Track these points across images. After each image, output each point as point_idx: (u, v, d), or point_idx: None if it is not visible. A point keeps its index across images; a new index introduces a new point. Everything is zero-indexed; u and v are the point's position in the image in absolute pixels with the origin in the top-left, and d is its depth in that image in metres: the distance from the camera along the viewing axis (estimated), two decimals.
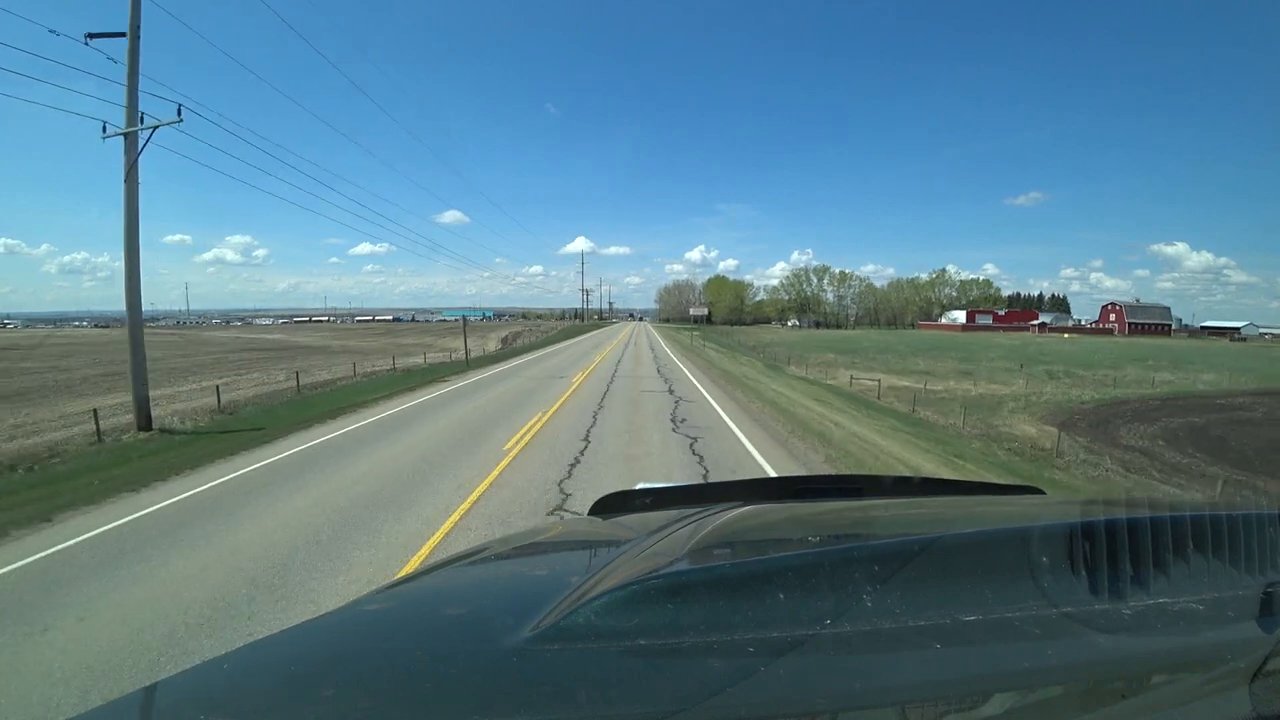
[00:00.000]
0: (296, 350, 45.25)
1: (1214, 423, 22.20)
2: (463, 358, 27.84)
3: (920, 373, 35.99)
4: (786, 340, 69.74)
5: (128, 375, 11.26)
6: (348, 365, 24.86)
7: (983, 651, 0.60)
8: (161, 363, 29.92)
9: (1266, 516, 0.78)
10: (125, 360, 11.34)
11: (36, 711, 3.06)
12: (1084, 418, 22.24)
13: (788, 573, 0.69)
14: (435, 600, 0.84)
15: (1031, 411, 22.84)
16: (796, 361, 36.44)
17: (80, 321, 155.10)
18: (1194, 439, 19.48)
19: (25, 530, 5.81)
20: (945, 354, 51.89)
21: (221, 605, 4.11)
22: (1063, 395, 27.41)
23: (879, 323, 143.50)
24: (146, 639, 3.69)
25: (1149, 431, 20.37)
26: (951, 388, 29.49)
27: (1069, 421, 20.86)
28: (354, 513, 6.06)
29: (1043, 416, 21.79)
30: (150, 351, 12.25)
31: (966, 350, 57.01)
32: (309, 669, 0.61)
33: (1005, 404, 24.42)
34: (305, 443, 9.80)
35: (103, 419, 10.99)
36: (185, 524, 5.84)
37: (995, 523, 1.01)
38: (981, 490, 1.62)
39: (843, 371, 33.13)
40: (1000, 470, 10.07)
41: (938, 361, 44.74)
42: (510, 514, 6.04)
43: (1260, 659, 0.61)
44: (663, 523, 1.00)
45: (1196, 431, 20.62)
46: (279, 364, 30.87)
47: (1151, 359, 49.42)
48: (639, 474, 7.60)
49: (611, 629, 0.60)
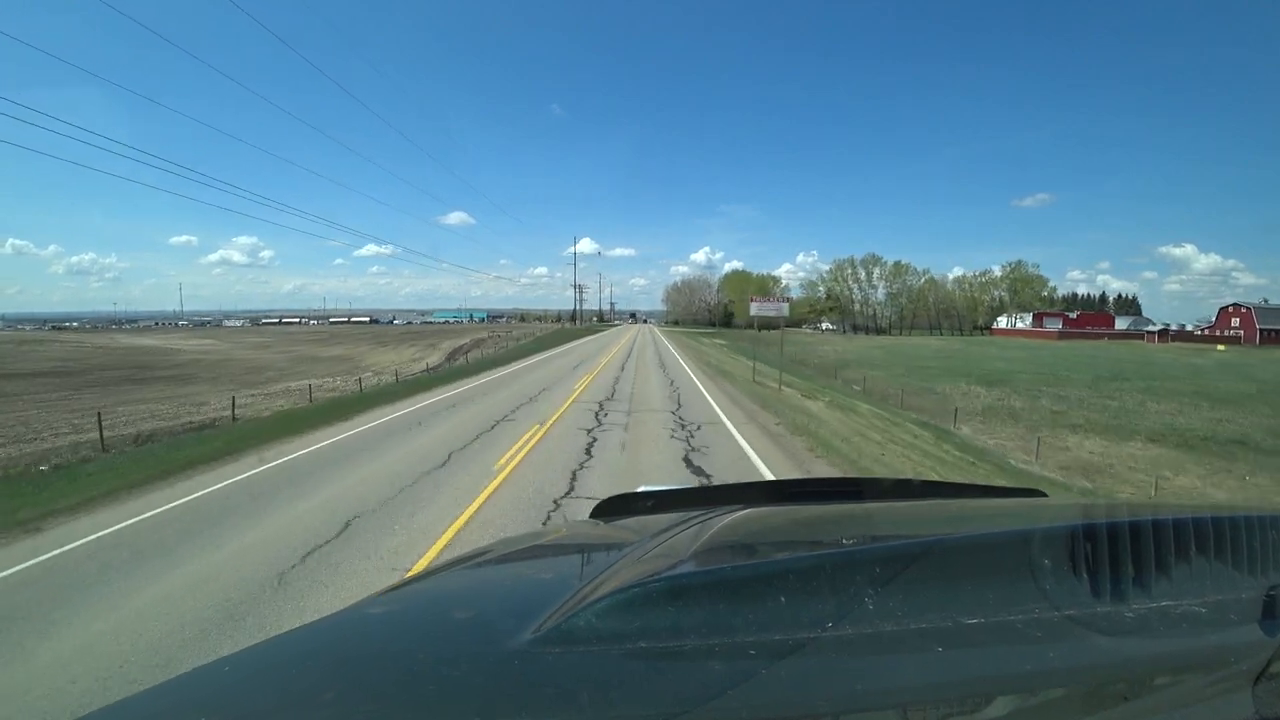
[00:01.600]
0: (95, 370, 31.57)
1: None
2: (351, 386, 19.37)
3: (1177, 436, 18.24)
4: (858, 356, 48.40)
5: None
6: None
7: (984, 654, 0.61)
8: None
9: (1269, 519, 0.78)
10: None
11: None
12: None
13: (789, 575, 0.69)
14: (437, 603, 0.84)
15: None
16: (937, 406, 21.09)
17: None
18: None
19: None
20: (1124, 383, 31.86)
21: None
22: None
23: (939, 326, 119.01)
24: None
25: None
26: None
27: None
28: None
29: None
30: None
31: (1145, 374, 35.81)
32: (310, 671, 0.61)
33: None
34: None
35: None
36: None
37: (997, 525, 1.01)
38: (983, 492, 1.60)
39: (1057, 436, 17.45)
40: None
41: (1152, 399, 26.08)
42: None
43: (1263, 662, 0.61)
44: (664, 526, 0.99)
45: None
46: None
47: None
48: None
49: (613, 631, 0.60)
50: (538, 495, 6.58)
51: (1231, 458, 16.07)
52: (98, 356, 40.93)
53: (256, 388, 23.92)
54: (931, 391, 26.94)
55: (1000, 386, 29.69)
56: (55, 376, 28.76)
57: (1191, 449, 17.21)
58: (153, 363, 37.63)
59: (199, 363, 37.83)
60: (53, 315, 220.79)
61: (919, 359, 47.26)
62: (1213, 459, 16.02)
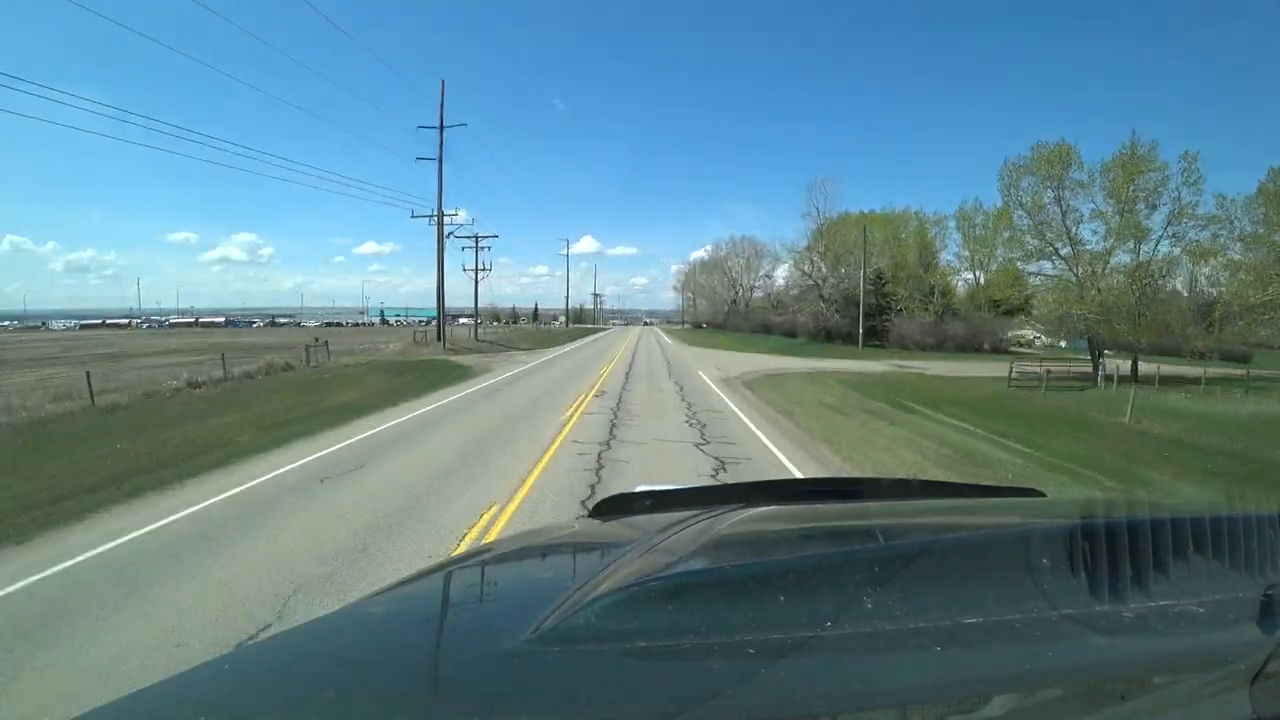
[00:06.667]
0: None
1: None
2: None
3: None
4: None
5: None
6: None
7: (983, 653, 0.61)
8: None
9: (1266, 518, 0.78)
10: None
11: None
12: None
13: (788, 575, 0.69)
14: (436, 601, 0.84)
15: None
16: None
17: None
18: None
19: None
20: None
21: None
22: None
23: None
24: None
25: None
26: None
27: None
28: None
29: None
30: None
31: None
32: (310, 670, 0.61)
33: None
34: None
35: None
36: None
37: (995, 525, 1.00)
38: (981, 492, 1.61)
39: None
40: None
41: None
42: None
43: (1260, 661, 0.61)
44: (664, 525, 0.99)
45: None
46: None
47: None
48: None
49: (612, 631, 0.60)
50: None
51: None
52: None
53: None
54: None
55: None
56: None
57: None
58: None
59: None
60: (52, 313, 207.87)
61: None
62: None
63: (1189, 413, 15.33)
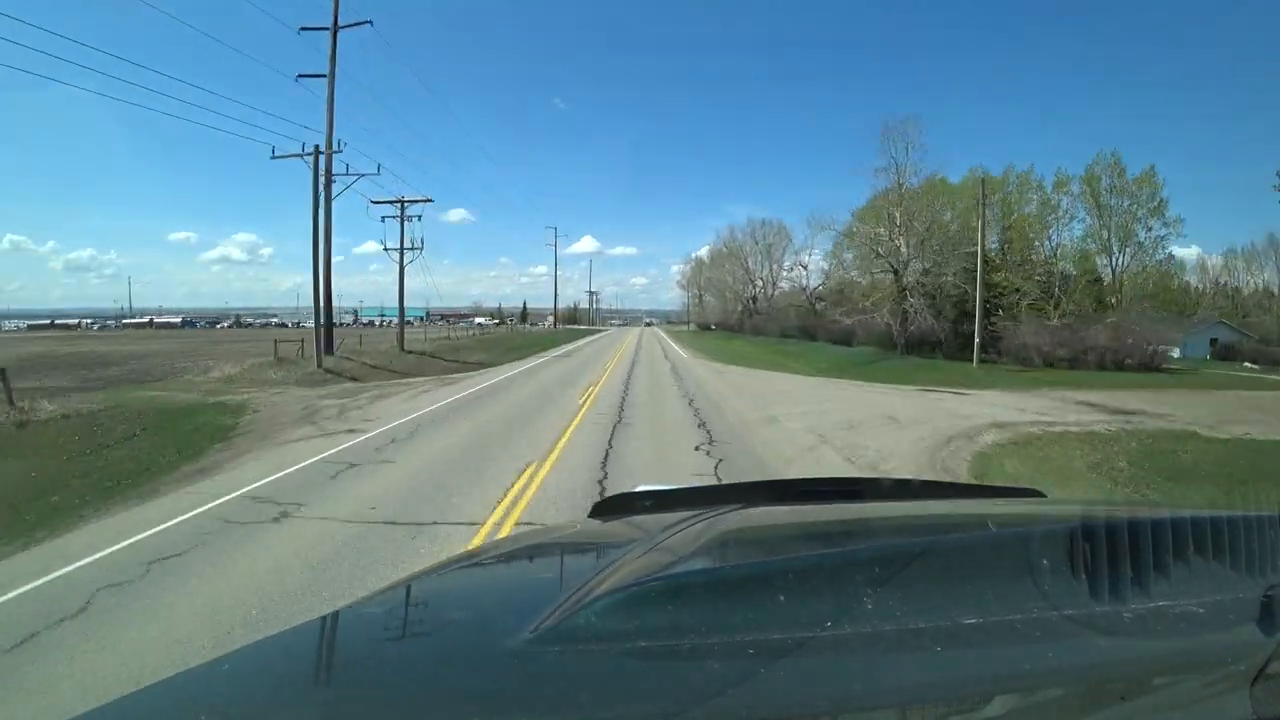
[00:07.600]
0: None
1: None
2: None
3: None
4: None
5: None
6: None
7: (983, 653, 0.61)
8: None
9: (1266, 519, 0.78)
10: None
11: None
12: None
13: (788, 575, 0.69)
14: (436, 601, 0.84)
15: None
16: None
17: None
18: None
19: None
20: None
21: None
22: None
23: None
24: None
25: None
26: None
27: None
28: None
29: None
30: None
31: None
32: (310, 669, 0.61)
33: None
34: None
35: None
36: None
37: (996, 525, 1.00)
38: (982, 493, 1.63)
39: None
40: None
41: None
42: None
43: (1261, 662, 0.61)
44: (664, 525, 0.99)
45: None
46: None
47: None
48: None
49: (612, 630, 0.60)
50: None
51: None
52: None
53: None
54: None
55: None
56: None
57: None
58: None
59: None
60: (51, 312, 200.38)
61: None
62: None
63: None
